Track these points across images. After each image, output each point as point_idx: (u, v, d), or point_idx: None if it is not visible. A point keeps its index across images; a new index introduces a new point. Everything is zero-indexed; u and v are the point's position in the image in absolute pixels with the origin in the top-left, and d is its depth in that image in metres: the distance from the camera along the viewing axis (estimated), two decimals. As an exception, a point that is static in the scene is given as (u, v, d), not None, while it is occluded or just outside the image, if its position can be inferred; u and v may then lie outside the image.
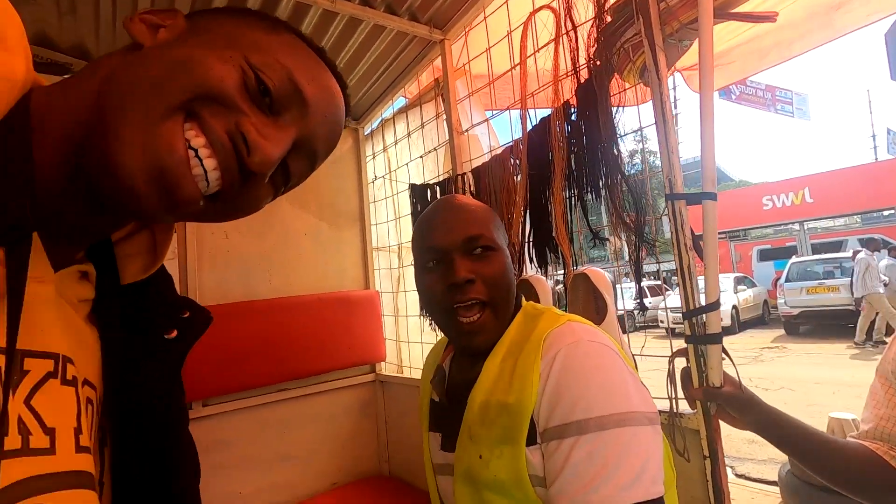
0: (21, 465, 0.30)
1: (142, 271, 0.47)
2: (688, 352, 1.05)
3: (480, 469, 0.68)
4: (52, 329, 0.35)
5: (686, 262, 1.05)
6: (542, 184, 1.40)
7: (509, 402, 0.67)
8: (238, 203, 0.42)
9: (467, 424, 0.73)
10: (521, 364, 0.68)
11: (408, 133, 2.16)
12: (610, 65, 1.23)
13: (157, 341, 0.46)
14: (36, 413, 0.32)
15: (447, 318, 0.75)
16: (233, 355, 1.87)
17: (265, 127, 0.40)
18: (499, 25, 1.62)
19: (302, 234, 2.23)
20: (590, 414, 0.60)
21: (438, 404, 0.85)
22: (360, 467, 2.23)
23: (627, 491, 0.57)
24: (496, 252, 0.77)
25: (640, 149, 1.28)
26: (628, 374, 0.66)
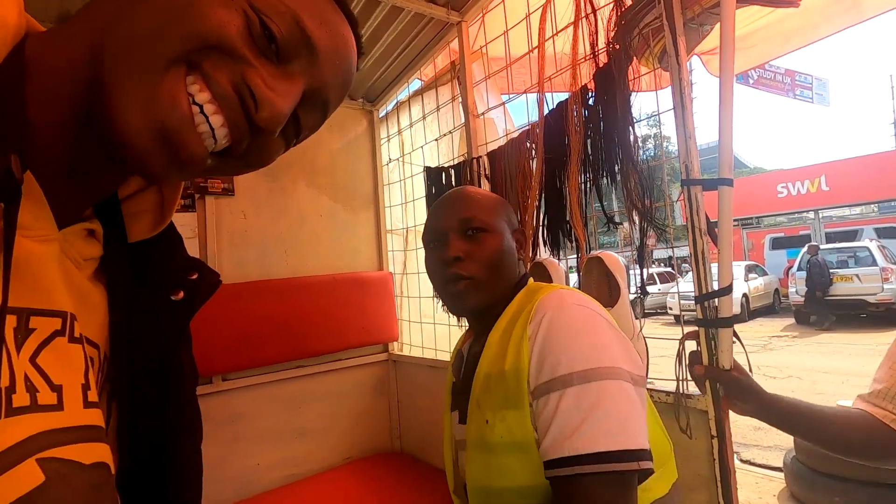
0: (31, 421, 0.30)
1: (149, 229, 0.46)
2: (699, 335, 1.07)
3: (488, 433, 0.72)
4: (57, 287, 0.35)
5: (700, 247, 1.07)
6: (557, 168, 1.41)
7: (505, 369, 0.72)
8: (248, 158, 0.40)
9: (474, 395, 0.78)
10: (514, 333, 0.73)
11: (423, 116, 2.17)
12: (629, 49, 1.23)
13: (164, 302, 0.46)
14: (42, 371, 0.32)
15: (442, 291, 0.85)
16: (251, 332, 1.93)
17: (272, 78, 0.37)
18: (517, 8, 1.62)
19: (318, 216, 2.26)
20: (574, 368, 0.64)
21: (455, 384, 0.91)
22: (372, 443, 2.30)
23: (613, 437, 0.60)
24: (490, 234, 0.83)
25: (653, 133, 1.28)
26: (614, 334, 0.70)
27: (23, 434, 0.29)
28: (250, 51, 0.36)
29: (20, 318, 0.31)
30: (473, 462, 0.77)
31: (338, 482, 1.99)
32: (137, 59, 0.33)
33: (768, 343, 8.37)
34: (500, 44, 1.68)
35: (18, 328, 0.31)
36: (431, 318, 2.15)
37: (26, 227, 0.32)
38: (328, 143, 2.32)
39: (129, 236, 0.45)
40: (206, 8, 0.34)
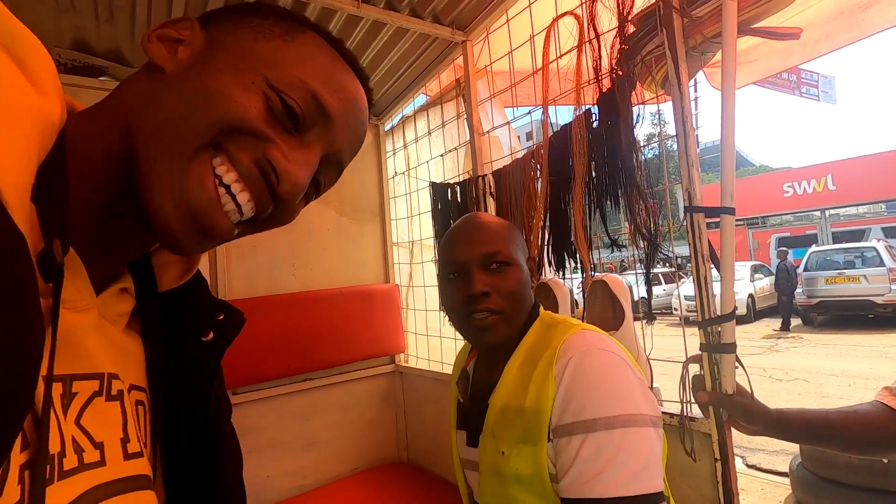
0: (80, 480, 0.32)
1: (178, 279, 0.49)
2: (702, 359, 1.09)
3: (503, 464, 0.75)
4: (95, 351, 0.37)
5: (703, 273, 1.09)
6: (562, 189, 1.43)
7: (525, 406, 0.74)
8: (270, 222, 0.43)
9: (489, 424, 0.80)
10: (537, 371, 0.75)
11: (428, 131, 2.19)
12: (632, 75, 1.25)
13: (196, 343, 0.48)
14: (86, 431, 0.34)
15: (464, 323, 0.84)
16: (260, 347, 1.96)
17: (292, 150, 0.39)
18: (521, 28, 1.64)
19: (325, 230, 2.29)
20: (598, 414, 0.67)
21: (463, 405, 0.94)
22: (380, 454, 2.33)
23: (630, 485, 0.64)
24: (512, 267, 0.84)
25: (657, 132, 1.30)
26: (636, 380, 0.73)
27: (75, 493, 0.32)
28: (272, 129, 0.39)
29: (64, 384, 0.34)
30: (487, 486, 0.80)
31: (346, 492, 2.03)
32: (167, 146, 0.35)
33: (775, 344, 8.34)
34: (505, 61, 1.70)
35: (64, 394, 0.33)
36: (437, 330, 2.17)
37: (69, 301, 0.34)
38: (335, 158, 2.35)
39: (160, 286, 0.48)
40: (228, 94, 0.36)
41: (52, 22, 1.47)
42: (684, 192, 1.11)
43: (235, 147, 0.37)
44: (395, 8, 1.65)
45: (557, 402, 0.70)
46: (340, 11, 1.58)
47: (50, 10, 1.44)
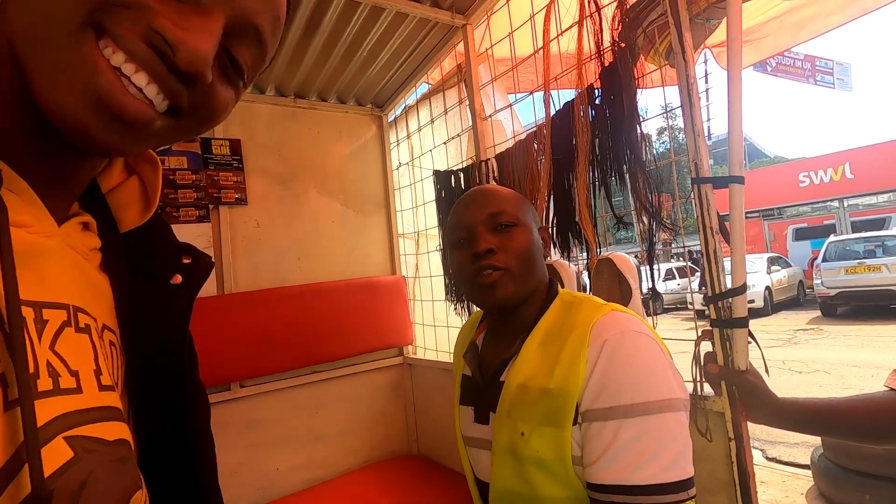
0: (54, 404, 0.32)
1: (139, 217, 0.47)
2: (713, 335, 1.06)
3: (522, 445, 0.72)
4: (60, 280, 0.36)
5: (712, 246, 1.05)
6: (565, 168, 1.40)
7: (550, 387, 0.71)
8: (198, 113, 0.38)
9: (505, 403, 0.77)
10: (566, 352, 0.72)
11: (431, 119, 2.17)
12: (634, 47, 1.21)
13: (164, 287, 0.47)
14: (61, 357, 0.33)
15: (471, 285, 0.81)
16: (267, 339, 1.96)
17: (182, 17, 0.33)
18: (521, 9, 1.61)
19: (329, 222, 2.28)
20: (636, 399, 0.65)
21: (471, 379, 0.90)
22: (390, 446, 2.31)
23: (668, 471, 0.63)
24: (519, 227, 0.81)
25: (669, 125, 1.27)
26: (668, 362, 0.71)
27: (49, 416, 0.31)
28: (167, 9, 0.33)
29: (35, 309, 0.32)
30: (502, 467, 0.77)
31: (356, 485, 2.01)
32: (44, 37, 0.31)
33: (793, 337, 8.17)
34: (506, 45, 1.67)
35: (37, 319, 0.32)
36: (445, 321, 2.15)
37: (28, 224, 0.33)
38: (338, 149, 2.34)
39: (121, 227, 0.47)
40: None
41: None
42: (691, 163, 1.08)
43: (115, 24, 0.32)
44: (393, -8, 1.63)
45: (591, 385, 0.68)
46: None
47: None
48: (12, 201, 0.32)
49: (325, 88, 2.23)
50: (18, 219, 0.32)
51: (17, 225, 0.32)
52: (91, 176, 0.43)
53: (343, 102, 2.37)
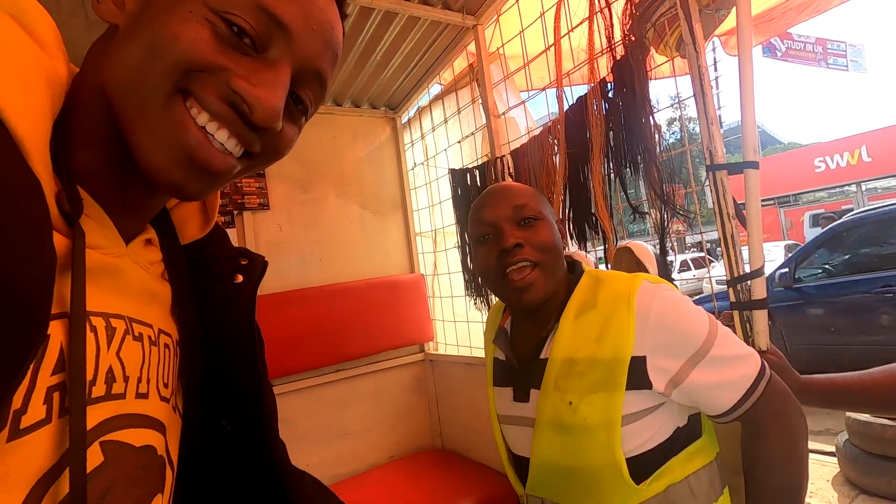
0: (102, 409, 0.35)
1: (199, 230, 0.52)
2: (733, 318, 1.08)
3: (569, 415, 0.76)
4: (123, 294, 0.40)
5: (729, 231, 1.08)
6: (580, 162, 1.43)
7: (600, 357, 0.76)
8: (269, 152, 0.42)
9: (550, 378, 0.80)
10: (613, 322, 0.77)
11: (444, 119, 2.21)
12: (645, 40, 1.24)
13: (229, 286, 0.52)
14: (121, 362, 0.37)
15: (500, 282, 0.83)
16: (294, 339, 2.02)
17: (255, 74, 0.37)
18: (531, 7, 1.64)
19: (348, 223, 2.34)
20: (701, 336, 0.75)
21: (504, 362, 0.93)
22: (415, 441, 2.36)
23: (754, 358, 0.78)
24: (542, 221, 0.85)
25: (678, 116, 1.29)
26: (692, 301, 0.81)
27: (95, 421, 0.34)
28: (226, 56, 0.37)
29: (105, 319, 0.37)
30: (545, 440, 0.80)
31: (383, 480, 2.06)
32: (139, 102, 0.36)
33: (814, 324, 8.05)
34: (517, 43, 1.71)
35: (107, 326, 0.36)
36: (464, 316, 2.19)
37: (101, 246, 0.38)
38: (354, 153, 2.40)
39: (182, 239, 0.52)
40: (173, 34, 0.35)
41: (85, 37, 1.55)
42: (705, 151, 1.10)
43: (199, 87, 0.36)
44: (406, -4, 1.68)
45: (659, 347, 0.74)
46: (353, 4, 1.62)
47: (81, 27, 1.52)
48: (90, 226, 0.36)
49: (340, 93, 2.29)
50: (93, 241, 0.36)
51: (92, 247, 0.36)
52: (163, 205, 0.48)
53: (357, 106, 2.42)
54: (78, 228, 0.33)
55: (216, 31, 0.36)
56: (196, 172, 0.38)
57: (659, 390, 0.74)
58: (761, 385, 0.76)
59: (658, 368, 0.74)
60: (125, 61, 0.36)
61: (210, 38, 0.36)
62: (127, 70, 0.36)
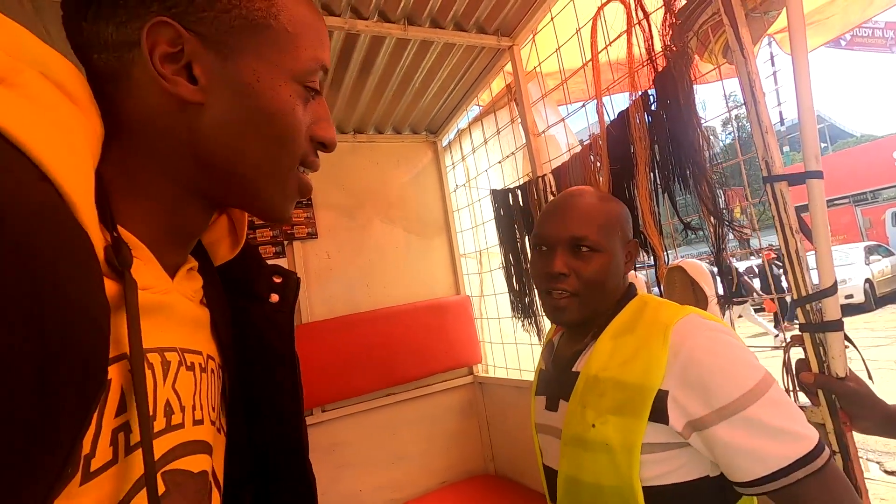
0: (163, 443, 0.37)
1: (230, 251, 0.53)
2: (804, 340, 0.99)
3: (590, 433, 0.75)
4: (173, 327, 0.42)
5: (793, 246, 0.99)
6: (625, 178, 1.38)
7: (625, 379, 0.74)
8: None
9: (577, 392, 0.80)
10: (646, 349, 0.74)
11: (484, 140, 2.21)
12: (688, 49, 1.19)
13: (268, 306, 0.54)
14: (178, 394, 0.39)
15: (543, 297, 0.87)
16: (343, 364, 2.05)
17: (321, 114, 0.46)
18: (566, 24, 1.62)
19: (394, 248, 2.37)
20: (742, 390, 0.67)
21: (545, 371, 0.95)
22: (466, 466, 2.32)
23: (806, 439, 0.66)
24: (599, 254, 0.83)
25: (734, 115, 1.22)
26: (748, 350, 0.74)
27: (158, 454, 0.36)
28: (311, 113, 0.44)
29: (160, 354, 0.38)
30: (569, 455, 0.80)
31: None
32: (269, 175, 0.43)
33: (905, 333, 7.29)
34: (554, 60, 1.69)
35: (163, 362, 0.38)
36: (513, 338, 2.15)
37: (150, 286, 0.39)
38: (397, 178, 2.44)
39: (215, 261, 0.53)
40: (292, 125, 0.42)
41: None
42: (761, 162, 1.03)
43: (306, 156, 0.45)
44: (440, 25, 1.70)
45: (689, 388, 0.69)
46: (389, 37, 1.66)
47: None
48: (139, 270, 0.37)
49: (381, 122, 2.35)
50: (143, 283, 0.37)
51: (143, 288, 0.38)
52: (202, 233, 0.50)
53: (399, 132, 2.47)
54: (129, 277, 0.34)
55: (306, 98, 0.43)
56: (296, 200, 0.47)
57: (676, 429, 0.70)
58: (802, 471, 0.64)
59: (678, 406, 0.70)
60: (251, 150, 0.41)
61: (304, 107, 0.43)
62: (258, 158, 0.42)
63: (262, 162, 0.42)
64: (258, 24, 0.40)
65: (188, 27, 0.38)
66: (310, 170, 0.46)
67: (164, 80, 0.37)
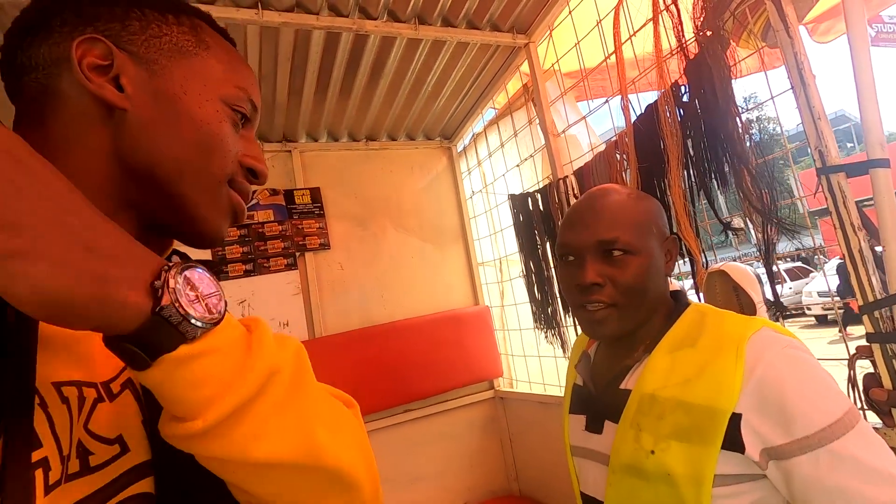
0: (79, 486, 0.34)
1: None
2: (872, 352, 0.87)
3: (648, 461, 0.67)
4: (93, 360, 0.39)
5: (855, 246, 0.88)
6: (655, 176, 1.28)
7: (691, 401, 0.65)
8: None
9: (630, 412, 0.71)
10: (713, 365, 0.65)
11: (501, 144, 2.13)
12: (723, 33, 1.09)
13: None
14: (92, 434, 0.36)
15: (577, 313, 0.78)
16: (358, 379, 1.96)
17: (251, 146, 0.48)
18: (585, 18, 1.54)
19: (409, 257, 2.29)
20: (829, 419, 0.58)
21: (583, 388, 0.85)
22: (489, 486, 2.20)
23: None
24: (633, 256, 0.73)
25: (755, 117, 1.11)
26: (829, 374, 0.64)
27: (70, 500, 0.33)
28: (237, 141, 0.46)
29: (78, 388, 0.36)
30: (620, 486, 0.71)
31: (458, 530, 1.92)
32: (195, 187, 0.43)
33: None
34: (573, 57, 1.60)
35: (80, 396, 0.36)
36: (535, 350, 2.04)
37: None
38: (411, 185, 2.37)
39: None
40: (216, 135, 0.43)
41: None
42: (814, 152, 0.92)
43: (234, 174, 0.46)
44: (452, 23, 1.63)
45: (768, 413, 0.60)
46: (400, 37, 1.59)
47: None
48: None
49: (394, 128, 2.28)
50: None
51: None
52: None
53: (412, 139, 2.40)
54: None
55: (234, 122, 0.45)
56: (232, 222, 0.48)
57: (752, 458, 0.60)
58: None
59: (754, 432, 0.60)
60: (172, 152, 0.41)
61: (233, 131, 0.45)
62: (180, 162, 0.42)
63: (184, 167, 0.42)
64: (188, 52, 0.44)
65: (120, 46, 0.40)
66: (240, 194, 0.47)
67: (90, 83, 0.39)
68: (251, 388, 0.32)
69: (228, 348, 0.33)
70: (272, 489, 0.37)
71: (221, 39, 0.48)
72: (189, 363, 0.31)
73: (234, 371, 0.32)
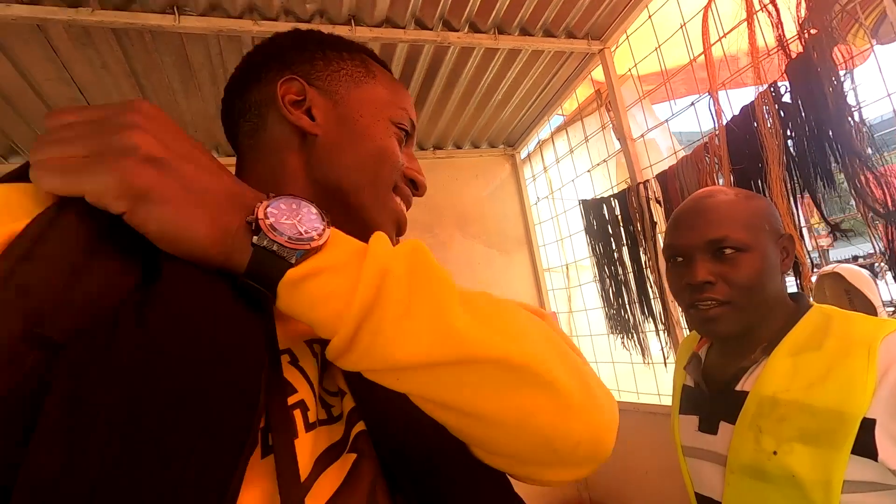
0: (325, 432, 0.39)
1: None
2: None
3: (771, 464, 0.66)
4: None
5: None
6: (752, 178, 1.25)
7: (816, 405, 0.64)
8: None
9: (748, 414, 0.70)
10: (841, 368, 0.64)
11: (570, 149, 2.13)
12: (830, 29, 1.07)
13: None
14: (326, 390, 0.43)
15: (688, 311, 0.77)
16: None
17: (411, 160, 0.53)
18: (665, 21, 1.53)
19: (475, 263, 2.32)
20: None
21: (694, 389, 0.84)
22: (558, 493, 2.18)
23: None
24: (747, 254, 0.72)
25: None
26: None
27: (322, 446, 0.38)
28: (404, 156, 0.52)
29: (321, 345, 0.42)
30: (740, 487, 0.71)
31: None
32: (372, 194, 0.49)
33: None
34: (650, 61, 1.60)
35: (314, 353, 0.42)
36: (609, 357, 2.01)
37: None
38: (475, 192, 2.40)
39: None
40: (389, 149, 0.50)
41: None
42: (944, 149, 0.89)
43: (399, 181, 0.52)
44: (530, 32, 1.66)
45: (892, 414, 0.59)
46: (478, 47, 1.63)
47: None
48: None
49: (461, 137, 2.32)
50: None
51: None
52: None
53: (477, 147, 2.44)
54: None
55: (399, 139, 0.51)
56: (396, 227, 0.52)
57: (889, 466, 0.58)
58: None
59: (890, 439, 0.58)
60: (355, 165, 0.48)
61: (398, 146, 0.51)
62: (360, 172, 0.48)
63: (363, 178, 0.48)
64: (360, 81, 0.51)
65: (310, 83, 0.49)
66: (403, 200, 0.52)
67: (291, 114, 0.47)
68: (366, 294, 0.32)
69: (341, 264, 0.33)
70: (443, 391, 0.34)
71: (382, 69, 0.55)
72: (301, 285, 0.32)
73: (348, 284, 0.32)
